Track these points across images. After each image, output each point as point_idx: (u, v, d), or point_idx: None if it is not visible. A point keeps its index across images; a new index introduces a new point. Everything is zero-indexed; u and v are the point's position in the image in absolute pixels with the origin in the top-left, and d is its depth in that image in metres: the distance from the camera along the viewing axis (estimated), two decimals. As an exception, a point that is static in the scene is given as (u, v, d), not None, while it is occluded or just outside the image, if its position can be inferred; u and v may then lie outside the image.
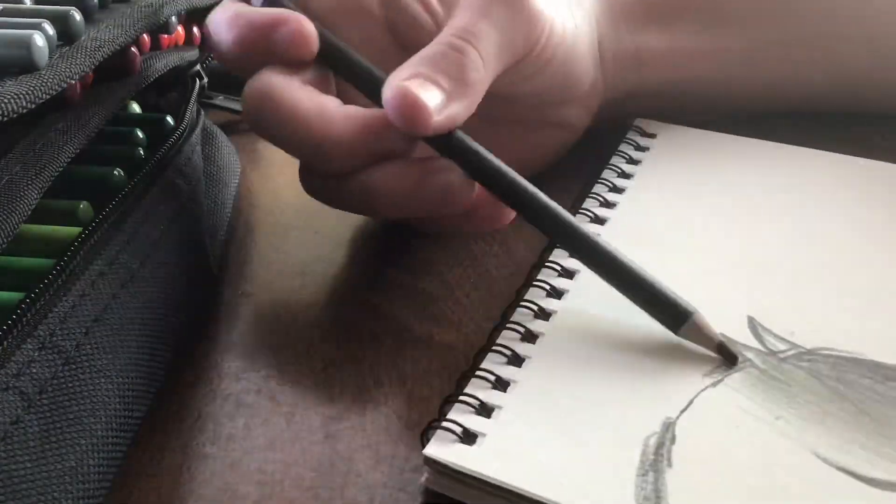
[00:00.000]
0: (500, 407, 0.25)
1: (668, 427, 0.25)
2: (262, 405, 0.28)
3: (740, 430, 0.25)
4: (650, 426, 0.25)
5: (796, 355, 0.27)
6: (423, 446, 0.24)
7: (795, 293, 0.30)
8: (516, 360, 0.27)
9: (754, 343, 0.28)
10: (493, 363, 0.27)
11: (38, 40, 0.28)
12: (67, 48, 0.30)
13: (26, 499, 0.21)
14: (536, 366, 0.27)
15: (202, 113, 0.38)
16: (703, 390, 0.26)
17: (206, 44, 0.35)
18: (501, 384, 0.26)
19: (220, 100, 0.46)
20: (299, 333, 0.31)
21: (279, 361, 0.30)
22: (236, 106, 0.47)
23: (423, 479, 0.25)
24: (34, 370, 0.22)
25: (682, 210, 0.35)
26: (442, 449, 0.24)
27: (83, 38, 0.30)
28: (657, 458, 0.24)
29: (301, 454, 0.26)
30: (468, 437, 0.24)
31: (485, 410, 0.25)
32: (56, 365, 0.23)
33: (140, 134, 0.34)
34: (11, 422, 0.21)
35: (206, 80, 0.42)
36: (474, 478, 0.23)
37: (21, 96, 0.26)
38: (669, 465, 0.24)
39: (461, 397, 0.25)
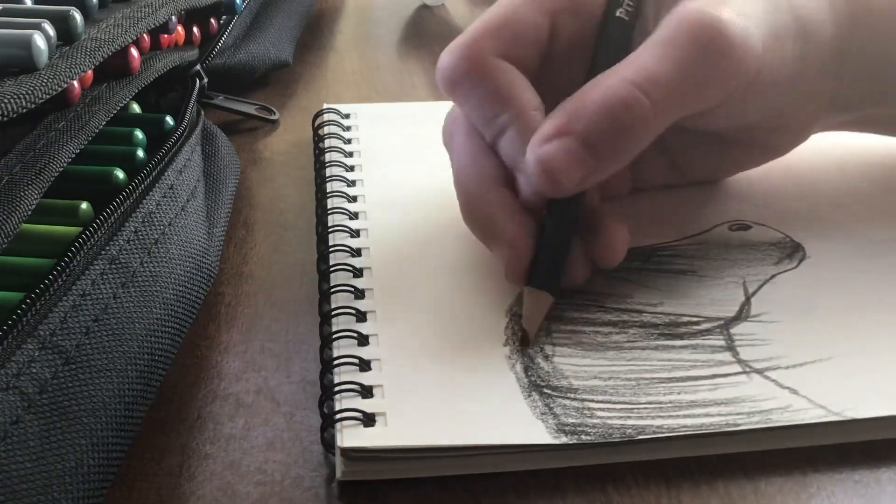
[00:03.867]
0: (379, 385, 0.27)
1: (522, 352, 0.28)
2: (262, 405, 0.28)
3: (575, 335, 0.29)
4: (508, 355, 0.28)
5: None
6: (326, 447, 0.26)
7: None
8: (363, 339, 0.29)
9: None
10: (346, 348, 0.28)
11: (38, 40, 0.28)
12: (67, 48, 0.30)
13: (26, 499, 0.21)
14: (383, 339, 0.29)
15: (202, 113, 0.38)
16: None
17: None
18: (365, 364, 0.28)
19: (220, 100, 0.46)
20: (299, 334, 0.31)
21: (279, 361, 0.30)
22: (236, 106, 0.47)
23: (338, 474, 0.25)
24: (34, 370, 0.22)
25: (420, 172, 0.39)
26: (356, 438, 0.25)
27: (83, 38, 0.30)
28: (530, 379, 0.27)
29: (301, 454, 0.26)
30: (369, 419, 0.26)
31: (367, 392, 0.27)
32: (56, 365, 0.23)
33: (140, 134, 0.34)
34: (11, 422, 0.21)
35: (206, 80, 0.43)
36: (388, 454, 0.25)
37: (21, 96, 0.26)
38: (544, 382, 0.27)
39: (341, 386, 0.27)
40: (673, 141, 0.34)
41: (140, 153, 0.33)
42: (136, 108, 0.37)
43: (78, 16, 0.30)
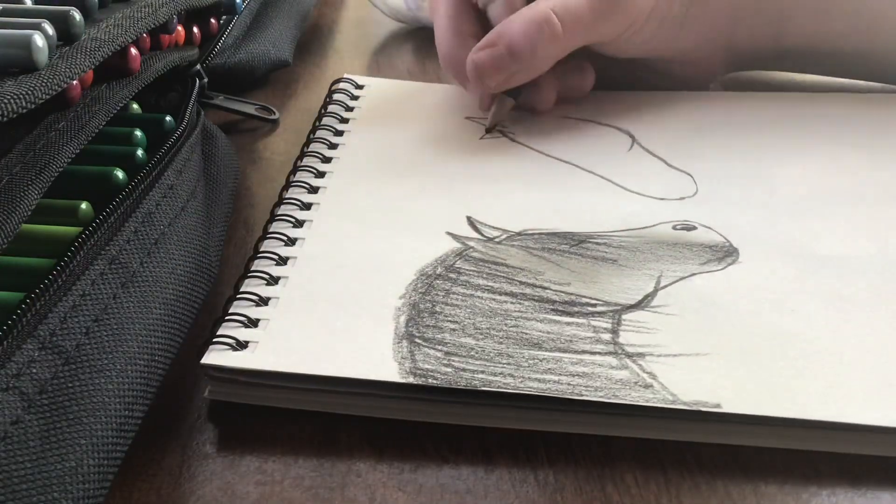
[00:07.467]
0: (266, 319, 0.29)
1: (414, 305, 0.30)
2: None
3: (472, 299, 0.30)
4: (398, 307, 0.30)
5: (508, 237, 0.34)
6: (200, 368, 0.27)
7: (501, 195, 0.37)
8: (273, 280, 0.31)
9: (474, 234, 0.34)
10: (254, 286, 0.31)
11: (38, 40, 0.28)
12: (67, 48, 0.30)
13: (26, 499, 0.21)
14: (292, 281, 0.31)
15: (202, 113, 0.38)
16: (435, 278, 0.31)
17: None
18: (263, 301, 0.30)
19: (220, 100, 0.46)
20: (299, 333, 0.31)
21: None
22: (236, 106, 0.47)
23: (206, 393, 0.27)
24: (34, 370, 0.22)
25: (398, 146, 0.42)
26: (218, 357, 0.27)
27: (83, 38, 0.30)
28: (407, 329, 0.29)
29: (301, 454, 0.26)
30: (241, 345, 0.28)
31: (252, 323, 0.29)
32: (56, 365, 0.23)
33: (140, 134, 0.34)
34: (11, 422, 0.21)
35: (206, 80, 0.43)
36: (252, 377, 0.27)
37: (21, 96, 0.26)
38: (419, 333, 0.29)
39: (228, 315, 0.29)
40: (600, 61, 0.45)
41: (140, 153, 0.33)
42: (136, 108, 0.37)
43: (78, 16, 0.30)
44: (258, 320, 0.29)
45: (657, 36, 0.43)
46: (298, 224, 0.35)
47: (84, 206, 0.29)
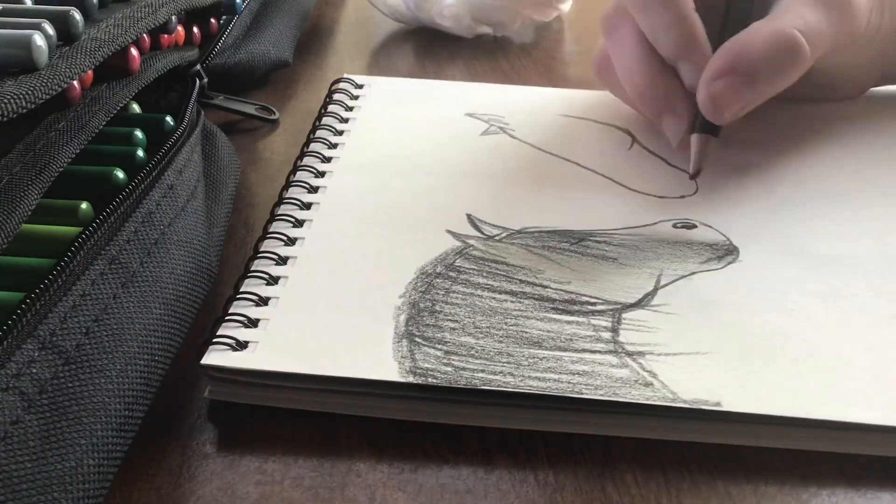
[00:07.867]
0: (266, 319, 0.29)
1: (414, 304, 0.30)
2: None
3: (472, 298, 0.30)
4: (398, 306, 0.30)
5: (508, 236, 0.34)
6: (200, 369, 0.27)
7: (501, 192, 0.38)
8: (273, 280, 0.31)
9: (474, 232, 0.34)
10: (254, 286, 0.31)
11: (38, 40, 0.28)
12: (67, 48, 0.30)
13: (26, 499, 0.21)
14: (292, 281, 0.31)
15: (202, 113, 0.38)
16: (436, 277, 0.31)
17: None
18: (263, 301, 0.30)
19: (220, 100, 0.46)
20: (299, 333, 0.31)
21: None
22: (236, 106, 0.47)
23: (206, 393, 0.27)
24: (34, 370, 0.22)
25: (398, 145, 0.42)
26: (218, 357, 0.27)
27: (83, 38, 0.30)
28: (407, 328, 0.29)
29: (301, 454, 0.26)
30: (241, 345, 0.28)
31: (252, 323, 0.29)
32: (56, 365, 0.23)
33: (140, 134, 0.34)
34: (11, 422, 0.21)
35: (206, 80, 0.43)
36: (252, 377, 0.27)
37: (21, 96, 0.26)
38: (419, 332, 0.29)
39: (228, 315, 0.29)
40: None
41: (140, 153, 0.33)
42: (136, 108, 0.37)
43: (78, 16, 0.30)
44: (258, 320, 0.29)
45: (852, 49, 0.40)
46: (298, 224, 0.35)
47: (84, 206, 0.29)
